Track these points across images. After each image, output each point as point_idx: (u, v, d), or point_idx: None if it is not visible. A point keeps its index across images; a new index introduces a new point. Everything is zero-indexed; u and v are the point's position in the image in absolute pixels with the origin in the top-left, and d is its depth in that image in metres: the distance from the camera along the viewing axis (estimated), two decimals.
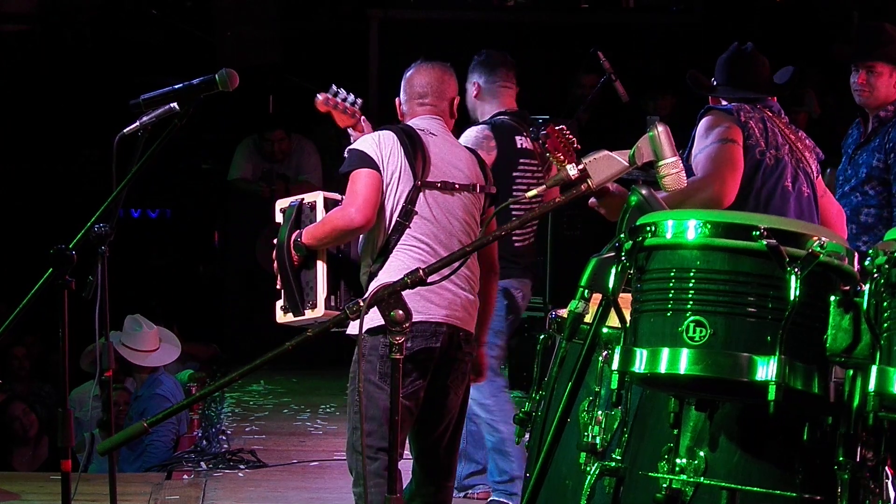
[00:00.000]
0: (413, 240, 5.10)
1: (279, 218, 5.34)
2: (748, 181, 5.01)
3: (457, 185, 5.18)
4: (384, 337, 4.85)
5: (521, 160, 6.75)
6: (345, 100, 5.51)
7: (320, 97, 5.53)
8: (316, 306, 5.14)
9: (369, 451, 4.97)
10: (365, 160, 5.13)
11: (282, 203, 5.39)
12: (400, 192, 5.11)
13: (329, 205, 5.24)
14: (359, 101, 5.57)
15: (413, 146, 5.15)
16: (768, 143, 5.14)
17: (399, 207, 5.11)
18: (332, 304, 5.16)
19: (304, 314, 5.19)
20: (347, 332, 5.10)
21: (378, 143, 5.15)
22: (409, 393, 5.00)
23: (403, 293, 3.43)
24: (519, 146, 6.75)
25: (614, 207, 4.21)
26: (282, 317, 5.28)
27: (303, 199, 5.33)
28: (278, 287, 5.30)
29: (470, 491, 6.94)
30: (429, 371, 5.07)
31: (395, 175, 5.11)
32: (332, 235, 5.15)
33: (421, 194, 5.13)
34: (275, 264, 5.28)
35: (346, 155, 5.24)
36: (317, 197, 5.30)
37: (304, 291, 5.21)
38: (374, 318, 4.73)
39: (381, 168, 5.11)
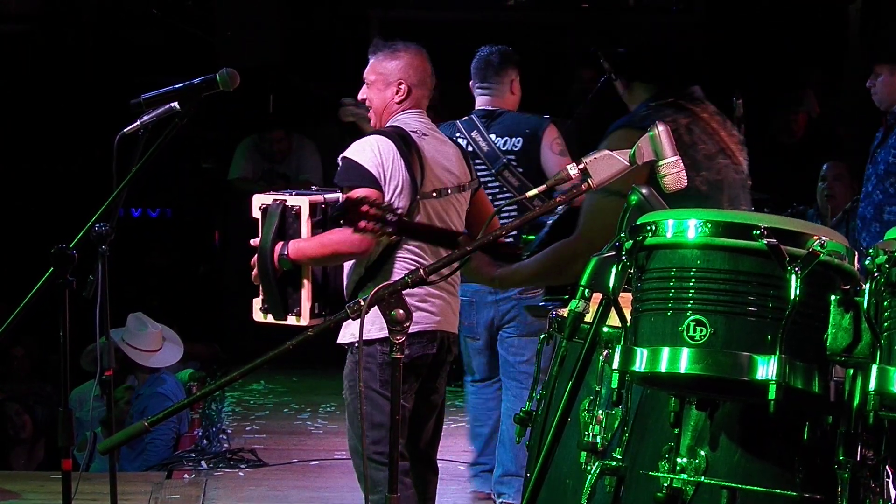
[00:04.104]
0: (408, 252, 5.05)
1: (256, 214, 5.16)
2: None
3: (449, 190, 5.13)
4: (380, 345, 4.87)
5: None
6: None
7: (346, 108, 5.53)
8: (301, 315, 5.02)
9: (381, 457, 4.90)
10: (366, 178, 4.96)
11: (261, 200, 5.16)
12: (401, 208, 4.96)
13: (314, 210, 5.05)
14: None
15: (410, 155, 5.00)
16: None
17: None
18: (317, 311, 5.08)
19: (286, 320, 5.09)
20: (339, 341, 5.10)
21: (379, 157, 4.98)
22: (407, 397, 5.04)
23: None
24: None
25: (467, 269, 4.24)
26: (261, 316, 5.15)
27: (285, 202, 5.08)
28: (255, 283, 5.16)
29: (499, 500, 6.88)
30: (422, 375, 5.11)
31: (396, 190, 4.99)
32: (331, 258, 5.02)
33: (419, 206, 5.04)
34: (254, 268, 5.12)
35: (340, 162, 5.06)
36: (301, 202, 5.06)
37: (288, 299, 5.06)
38: (368, 329, 4.78)
39: (383, 183, 4.96)
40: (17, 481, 7.60)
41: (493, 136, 6.69)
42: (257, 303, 5.15)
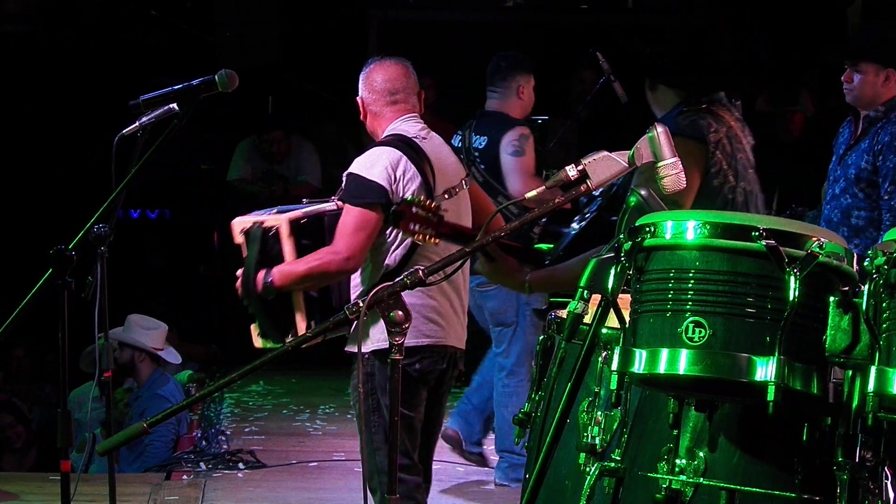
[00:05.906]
0: (423, 259, 4.89)
1: (239, 239, 5.01)
2: None
3: (457, 189, 5.08)
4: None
5: None
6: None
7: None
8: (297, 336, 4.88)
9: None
10: (376, 191, 4.83)
11: (241, 223, 5.01)
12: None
13: (295, 230, 4.91)
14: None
15: (421, 162, 4.91)
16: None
17: None
18: (313, 328, 4.98)
19: (285, 342, 4.92)
20: (347, 349, 5.04)
21: (389, 169, 4.85)
22: (419, 408, 5.01)
23: (420, 320, 3.44)
24: None
25: (496, 273, 4.21)
26: (261, 343, 5.03)
27: (263, 224, 4.92)
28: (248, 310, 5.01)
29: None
30: (430, 387, 5.08)
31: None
32: (319, 280, 4.89)
33: None
34: (241, 294, 4.98)
35: (345, 178, 4.93)
36: (279, 222, 4.88)
37: (282, 321, 4.93)
38: (378, 341, 4.74)
39: (396, 195, 4.83)
40: (15, 482, 7.59)
41: (473, 135, 6.90)
42: (255, 329, 5.04)
